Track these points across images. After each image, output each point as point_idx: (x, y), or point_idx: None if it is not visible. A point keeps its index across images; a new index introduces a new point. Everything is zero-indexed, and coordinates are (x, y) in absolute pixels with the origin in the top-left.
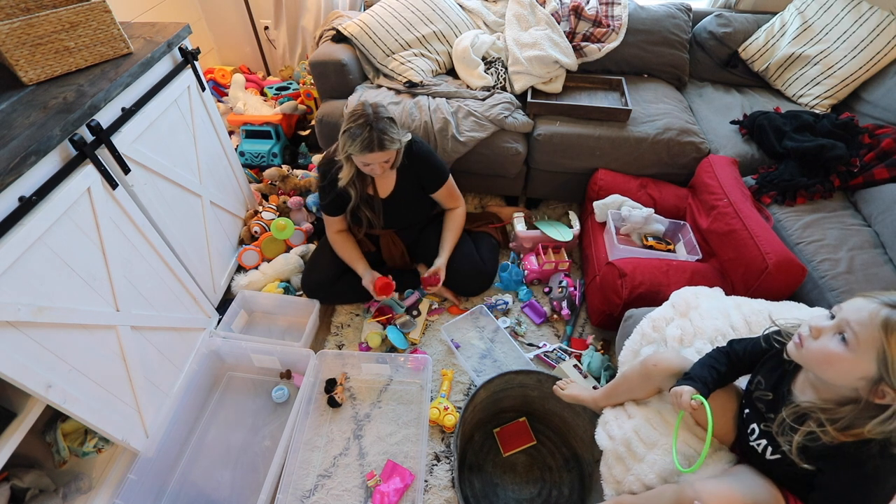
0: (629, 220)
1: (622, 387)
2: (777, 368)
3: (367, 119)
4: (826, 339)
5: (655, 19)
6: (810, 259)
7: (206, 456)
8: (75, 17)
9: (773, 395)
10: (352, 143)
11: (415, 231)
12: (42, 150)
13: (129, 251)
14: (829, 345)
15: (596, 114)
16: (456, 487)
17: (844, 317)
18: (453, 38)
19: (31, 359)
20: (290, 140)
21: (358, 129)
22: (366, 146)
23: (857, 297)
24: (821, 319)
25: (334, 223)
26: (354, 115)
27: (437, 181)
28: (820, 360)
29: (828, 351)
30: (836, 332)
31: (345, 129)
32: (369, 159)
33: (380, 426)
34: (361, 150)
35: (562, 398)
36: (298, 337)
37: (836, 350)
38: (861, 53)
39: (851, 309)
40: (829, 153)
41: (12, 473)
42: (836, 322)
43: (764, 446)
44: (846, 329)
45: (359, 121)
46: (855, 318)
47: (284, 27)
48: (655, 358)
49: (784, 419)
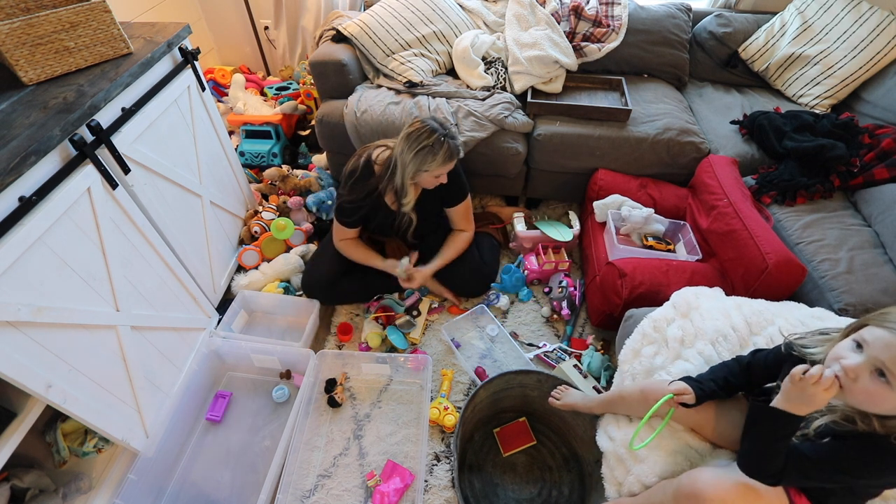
0: (629, 220)
1: (619, 405)
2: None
3: (440, 133)
4: (866, 381)
5: (655, 19)
6: (810, 259)
7: (206, 456)
8: (75, 17)
9: None
10: (433, 159)
11: (423, 236)
12: (42, 150)
13: (129, 251)
14: (872, 387)
15: (596, 114)
16: (456, 487)
17: (876, 356)
18: (453, 38)
19: (31, 359)
20: (290, 140)
21: (437, 146)
22: (447, 157)
23: (876, 327)
24: (849, 354)
25: (348, 234)
26: (422, 133)
27: (459, 196)
28: (867, 401)
29: (873, 392)
30: (872, 369)
31: (418, 148)
32: (447, 168)
33: (380, 426)
34: (444, 163)
35: (559, 409)
36: (298, 337)
37: (882, 391)
38: (861, 53)
39: (881, 346)
40: (829, 153)
41: (12, 473)
42: (869, 360)
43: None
44: (883, 369)
45: (432, 137)
46: (888, 356)
47: (284, 27)
48: (654, 387)
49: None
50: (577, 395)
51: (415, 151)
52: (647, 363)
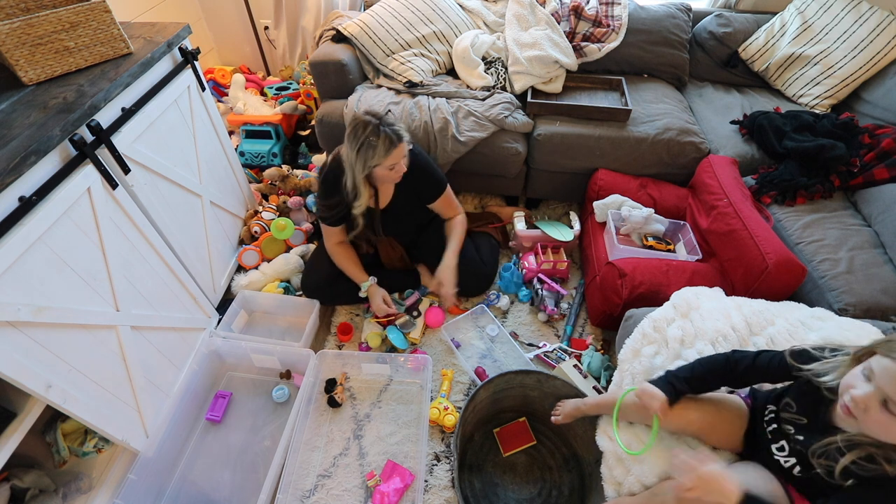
0: (629, 220)
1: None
2: (809, 394)
3: (373, 123)
4: (876, 412)
5: (655, 19)
6: (810, 259)
7: (206, 456)
8: (75, 17)
9: (808, 420)
10: (374, 152)
11: (413, 233)
12: (42, 150)
13: (128, 251)
14: (881, 417)
15: (596, 114)
16: (456, 487)
17: (882, 387)
18: (453, 38)
19: (31, 359)
20: (290, 140)
21: (373, 137)
22: (389, 145)
23: (883, 357)
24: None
25: (334, 234)
26: (357, 129)
27: (435, 191)
28: (879, 431)
29: (883, 423)
30: (880, 399)
31: (358, 146)
32: (395, 157)
33: (380, 426)
34: (387, 152)
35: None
36: (298, 337)
37: (891, 422)
38: (861, 53)
39: (887, 379)
40: (829, 153)
41: (12, 473)
42: (876, 391)
43: (793, 464)
44: (888, 401)
45: (367, 130)
46: (892, 389)
47: (284, 27)
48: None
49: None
50: (573, 400)
51: (356, 150)
52: (647, 363)
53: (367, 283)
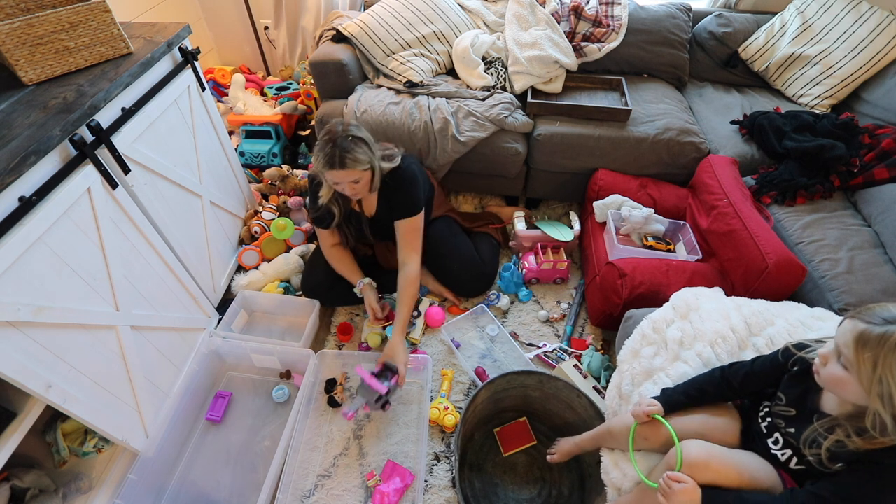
0: (629, 220)
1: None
2: (798, 385)
3: (333, 136)
4: (832, 366)
5: (655, 19)
6: (810, 259)
7: (206, 456)
8: (75, 17)
9: (796, 412)
10: (316, 159)
11: None
12: (42, 150)
13: (128, 251)
14: (835, 371)
15: (596, 114)
16: (456, 487)
17: (836, 341)
18: (453, 38)
19: (31, 359)
20: (290, 140)
21: (322, 145)
22: (326, 162)
23: (846, 318)
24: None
25: (326, 236)
26: (324, 131)
27: (404, 211)
28: (833, 384)
29: (836, 376)
30: (837, 356)
31: (316, 149)
32: (333, 177)
33: (380, 426)
34: (323, 167)
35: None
36: (298, 337)
37: (841, 374)
38: (861, 53)
39: (839, 332)
40: (829, 153)
41: (12, 473)
42: (834, 346)
43: (789, 456)
44: (841, 354)
45: (325, 136)
46: (842, 341)
47: (284, 27)
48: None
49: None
50: (570, 438)
51: (315, 151)
52: (646, 364)
53: (361, 283)
